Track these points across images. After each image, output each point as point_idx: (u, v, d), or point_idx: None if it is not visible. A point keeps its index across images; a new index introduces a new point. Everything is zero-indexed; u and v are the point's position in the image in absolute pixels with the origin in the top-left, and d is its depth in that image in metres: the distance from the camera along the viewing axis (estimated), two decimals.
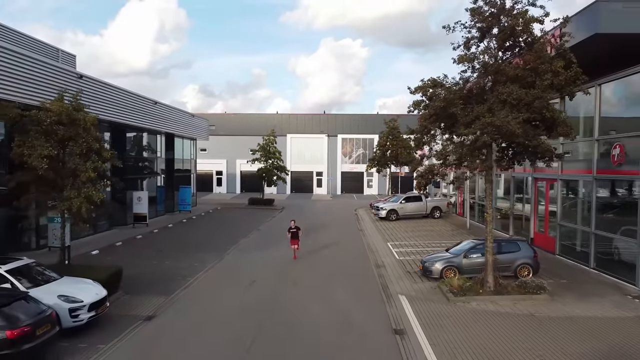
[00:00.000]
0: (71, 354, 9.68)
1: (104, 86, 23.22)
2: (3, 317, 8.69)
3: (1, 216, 17.80)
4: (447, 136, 14.97)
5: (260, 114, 64.98)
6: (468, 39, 13.90)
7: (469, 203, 28.98)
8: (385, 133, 40.52)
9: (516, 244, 16.18)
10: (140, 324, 11.57)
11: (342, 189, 56.56)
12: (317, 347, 10.28)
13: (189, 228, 27.79)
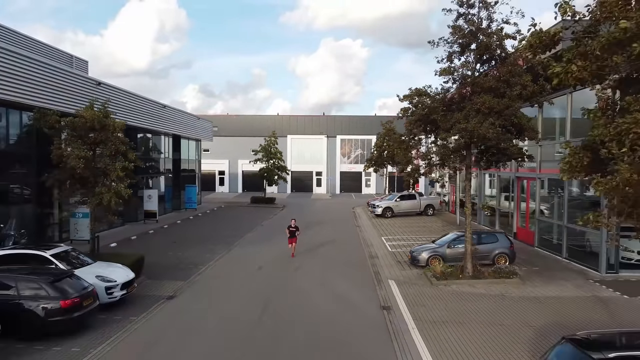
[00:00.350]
0: (109, 324, 11.55)
1: (118, 91, 25.13)
2: (57, 290, 10.59)
3: (28, 213, 19.68)
4: (432, 139, 16.92)
5: (261, 115, 66.88)
6: (450, 53, 15.80)
7: (459, 201, 30.89)
8: (382, 134, 42.35)
9: (495, 235, 18.12)
10: (164, 302, 13.46)
11: (341, 188, 58.46)
12: (316, 318, 12.17)
13: (197, 224, 29.69)
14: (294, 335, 10.92)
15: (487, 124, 13.54)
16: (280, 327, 11.55)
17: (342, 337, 10.82)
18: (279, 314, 12.53)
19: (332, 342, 10.55)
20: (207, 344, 10.45)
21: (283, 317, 12.24)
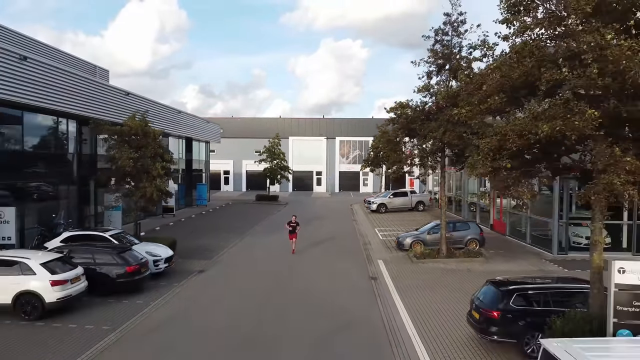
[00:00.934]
0: (158, 288, 15.02)
1: (142, 99, 28.58)
2: (122, 259, 14.10)
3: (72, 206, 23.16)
4: (415, 144, 20.49)
5: (264, 118, 70.34)
6: (429, 72, 19.35)
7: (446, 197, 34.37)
8: (378, 136, 45.77)
9: (467, 224, 21.70)
10: (196, 274, 16.97)
11: (339, 187, 61.97)
12: (319, 286, 15.67)
13: (210, 218, 33.21)
14: (302, 298, 14.38)
15: (452, 134, 17.01)
16: (289, 292, 15.04)
17: (339, 298, 14.33)
18: (288, 284, 16.03)
19: (332, 301, 14.05)
20: (233, 303, 13.93)
21: (292, 286, 15.75)
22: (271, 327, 11.81)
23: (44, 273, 11.85)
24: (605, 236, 20.12)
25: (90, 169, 24.17)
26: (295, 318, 12.46)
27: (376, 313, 12.87)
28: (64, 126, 22.06)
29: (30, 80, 17.39)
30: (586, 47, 7.00)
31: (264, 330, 11.55)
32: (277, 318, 12.49)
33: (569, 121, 7.16)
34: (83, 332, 11.24)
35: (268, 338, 11.08)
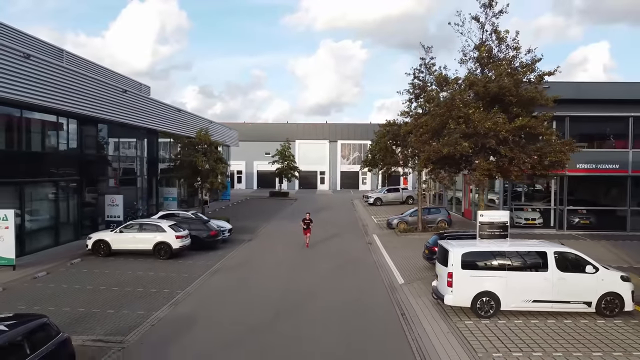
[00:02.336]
0: (226, 248, 23.18)
1: (186, 113, 36.78)
2: (207, 227, 22.36)
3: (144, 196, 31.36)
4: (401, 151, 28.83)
5: (273, 123, 78.64)
6: (410, 98, 27.59)
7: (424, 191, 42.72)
8: (375, 140, 53.99)
9: (439, 210, 30.00)
10: (247, 242, 25.17)
11: (341, 185, 70.23)
12: (333, 248, 23.89)
13: (238, 209, 41.39)
14: (322, 253, 22.60)
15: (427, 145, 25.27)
16: (314, 250, 23.25)
17: (347, 252, 22.59)
18: (312, 246, 24.24)
19: (343, 253, 22.27)
20: (276, 255, 22.11)
21: (315, 247, 23.96)
22: (306, 266, 20.01)
23: (170, 231, 20.09)
24: (538, 217, 28.69)
25: (154, 169, 32.47)
26: (321, 260, 20.68)
27: (370, 257, 21.19)
28: (140, 137, 30.37)
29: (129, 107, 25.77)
30: (462, 115, 15.11)
31: (302, 268, 19.75)
32: (308, 261, 20.71)
33: (456, 147, 15.30)
34: (196, 265, 19.42)
35: (305, 271, 19.29)
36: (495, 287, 12.75)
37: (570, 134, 28.17)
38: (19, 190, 19.63)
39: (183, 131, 34.59)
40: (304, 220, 23.52)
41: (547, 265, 12.84)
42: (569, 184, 28.42)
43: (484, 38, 17.09)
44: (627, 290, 12.77)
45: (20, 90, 17.95)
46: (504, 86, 15.38)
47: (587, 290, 12.74)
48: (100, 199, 25.59)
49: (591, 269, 12.85)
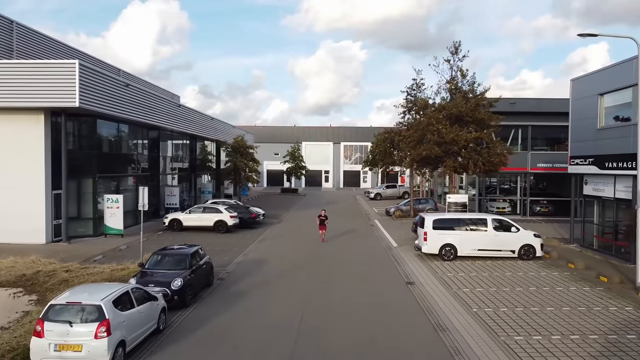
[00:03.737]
0: (262, 227, 30.85)
1: (214, 120, 44.40)
2: (249, 211, 30.06)
3: (187, 191, 38.99)
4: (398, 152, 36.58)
5: (282, 126, 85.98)
6: (404, 111, 35.31)
7: (423, 189, 50.56)
8: (375, 142, 61.67)
9: (427, 200, 37.73)
10: (277, 224, 32.82)
11: (344, 183, 77.90)
12: (343, 229, 31.57)
13: (259, 202, 48.84)
14: (333, 233, 30.24)
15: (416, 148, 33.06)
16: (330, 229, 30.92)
17: (355, 230, 30.28)
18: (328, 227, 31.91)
19: (351, 231, 29.96)
20: (301, 230, 29.77)
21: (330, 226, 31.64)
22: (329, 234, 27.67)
23: (226, 213, 27.76)
24: (507, 206, 36.49)
25: (194, 167, 40.16)
26: (335, 236, 28.31)
27: (373, 233, 28.93)
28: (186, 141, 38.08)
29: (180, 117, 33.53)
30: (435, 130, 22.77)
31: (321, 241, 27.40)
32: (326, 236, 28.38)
33: (431, 151, 22.94)
34: (246, 236, 27.02)
35: (325, 243, 26.92)
36: (454, 241, 20.45)
37: (533, 139, 36.08)
38: (117, 181, 27.33)
39: (214, 135, 42.34)
40: (320, 216, 25.30)
41: (487, 227, 20.55)
42: (532, 180, 36.23)
43: (453, 75, 24.88)
44: (537, 243, 20.48)
45: (121, 109, 25.60)
46: (462, 110, 23.07)
47: (512, 242, 20.45)
48: (160, 190, 33.27)
49: (515, 229, 20.58)
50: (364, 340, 11.55)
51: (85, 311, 9.59)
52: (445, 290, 16.00)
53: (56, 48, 29.76)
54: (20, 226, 22.49)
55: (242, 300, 14.87)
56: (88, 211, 25.46)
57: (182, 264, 14.64)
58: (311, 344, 11.30)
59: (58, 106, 22.22)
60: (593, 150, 21.91)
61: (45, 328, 9.39)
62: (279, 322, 12.83)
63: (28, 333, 11.08)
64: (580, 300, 14.70)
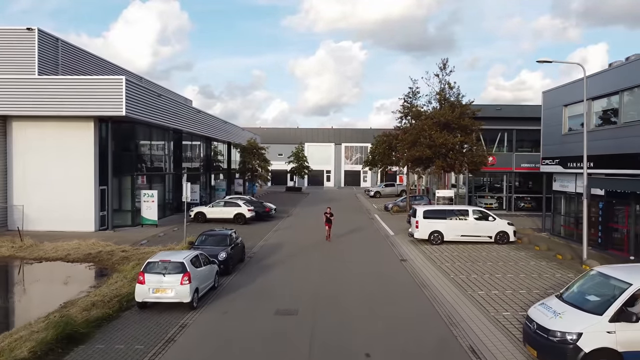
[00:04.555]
0: (274, 220, 35.13)
1: (227, 123, 48.65)
2: (262, 205, 34.34)
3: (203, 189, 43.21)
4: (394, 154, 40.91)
5: (285, 128, 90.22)
6: (401, 116, 39.63)
7: (420, 187, 54.84)
8: (375, 144, 65.92)
9: (422, 197, 42.05)
10: (287, 217, 37.09)
11: (344, 183, 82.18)
12: (347, 221, 35.86)
13: (267, 199, 53.12)
14: (338, 225, 34.49)
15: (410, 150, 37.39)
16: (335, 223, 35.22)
17: (357, 222, 34.57)
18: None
19: (354, 223, 34.24)
20: (308, 225, 34.05)
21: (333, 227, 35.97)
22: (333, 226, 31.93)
23: (244, 206, 32.03)
24: (494, 202, 40.95)
25: (209, 167, 44.43)
26: (340, 227, 32.56)
27: (373, 225, 33.22)
28: (202, 143, 42.34)
29: (199, 121, 37.78)
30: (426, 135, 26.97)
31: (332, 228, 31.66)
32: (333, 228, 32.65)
33: (423, 153, 27.17)
34: (262, 227, 31.24)
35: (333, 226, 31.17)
36: (441, 228, 24.72)
37: (517, 142, 40.42)
38: (148, 179, 31.61)
39: (225, 137, 46.66)
40: (325, 213, 26.50)
41: (468, 217, 24.84)
42: (516, 178, 40.55)
43: (441, 87, 29.21)
44: (511, 230, 24.76)
45: (154, 116, 29.85)
46: (449, 118, 27.37)
47: (489, 229, 24.73)
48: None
49: (492, 218, 24.88)
50: (366, 295, 15.81)
51: (172, 266, 13.84)
52: (430, 264, 20.29)
53: (93, 62, 33.96)
54: (74, 216, 26.75)
55: (270, 271, 19.15)
56: (127, 204, 29.72)
57: (224, 242, 18.90)
58: (328, 299, 15.54)
59: (108, 115, 26.49)
60: (559, 152, 26.20)
61: (145, 278, 13.64)
62: (301, 284, 17.10)
63: (120, 287, 15.38)
64: (535, 270, 18.99)
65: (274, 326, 12.69)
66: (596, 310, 9.38)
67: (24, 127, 27.26)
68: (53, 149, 26.99)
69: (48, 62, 29.27)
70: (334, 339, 11.71)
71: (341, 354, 10.85)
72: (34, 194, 26.95)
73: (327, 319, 13.20)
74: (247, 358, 10.70)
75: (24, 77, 27.08)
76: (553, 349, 9.35)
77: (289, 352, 10.97)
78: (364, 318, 13.30)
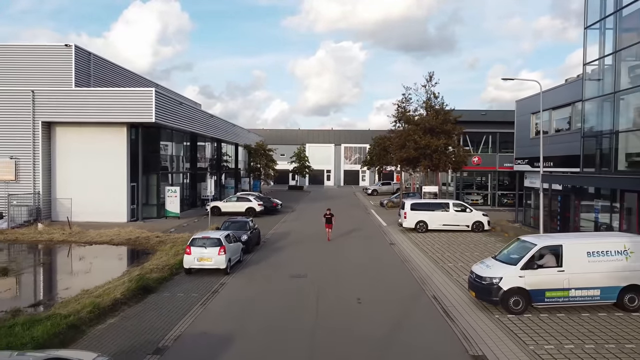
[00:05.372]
0: (281, 214, 39.66)
1: (236, 126, 53.17)
2: (270, 200, 38.89)
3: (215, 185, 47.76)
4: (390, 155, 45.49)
5: (287, 129, 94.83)
6: (395, 120, 44.17)
7: (414, 185, 59.38)
8: (373, 144, 70.48)
9: (414, 194, 46.60)
10: (292, 212, 41.65)
11: (344, 182, 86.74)
12: (346, 215, 40.42)
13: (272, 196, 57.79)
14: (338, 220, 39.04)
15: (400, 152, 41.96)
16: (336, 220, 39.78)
17: (355, 217, 39.14)
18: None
19: (352, 217, 38.79)
20: (311, 219, 38.57)
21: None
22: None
23: (255, 201, 36.57)
24: (480, 199, 45.70)
25: (219, 166, 48.97)
26: (340, 221, 37.06)
27: (369, 219, 37.81)
28: (212, 144, 46.91)
29: (209, 124, 42.38)
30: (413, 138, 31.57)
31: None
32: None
33: (410, 154, 31.69)
34: (271, 219, 35.73)
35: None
36: (426, 218, 29.25)
37: (501, 143, 44.97)
38: (170, 177, 36.16)
39: (234, 139, 51.24)
40: (325, 215, 27.14)
41: (449, 208, 29.39)
42: (500, 177, 45.13)
43: (427, 97, 33.79)
44: (485, 220, 29.31)
45: (176, 121, 34.38)
46: (433, 124, 31.95)
47: (467, 219, 29.27)
48: (197, 185, 42.08)
49: (469, 210, 29.43)
50: (360, 266, 20.32)
51: (211, 241, 18.35)
52: (414, 246, 24.84)
53: (119, 72, 38.49)
54: (108, 209, 31.25)
55: (282, 250, 23.70)
56: (153, 199, 34.26)
57: (244, 227, 23.42)
58: (329, 268, 20.05)
59: (139, 121, 31.03)
60: (527, 153, 30.75)
61: (191, 250, 18.16)
62: (308, 259, 21.62)
63: (166, 260, 19.87)
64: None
65: (289, 284, 17.23)
66: (513, 263, 13.92)
67: (66, 132, 31.76)
68: (91, 151, 31.47)
69: (82, 73, 33.79)
70: (335, 292, 16.24)
71: (340, 300, 15.35)
72: (74, 190, 31.43)
73: (329, 280, 17.74)
74: (273, 303, 15.19)
75: (66, 89, 31.63)
76: (484, 290, 13.88)
77: (302, 299, 15.47)
78: (356, 280, 17.84)
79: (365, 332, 12.40)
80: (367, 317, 13.60)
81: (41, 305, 14.88)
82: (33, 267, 21.67)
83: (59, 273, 21.25)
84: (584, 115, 22.52)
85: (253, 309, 14.38)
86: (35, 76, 32.55)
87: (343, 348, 11.39)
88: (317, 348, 11.44)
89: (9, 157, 31.01)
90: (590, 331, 12.30)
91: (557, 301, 13.58)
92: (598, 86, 21.60)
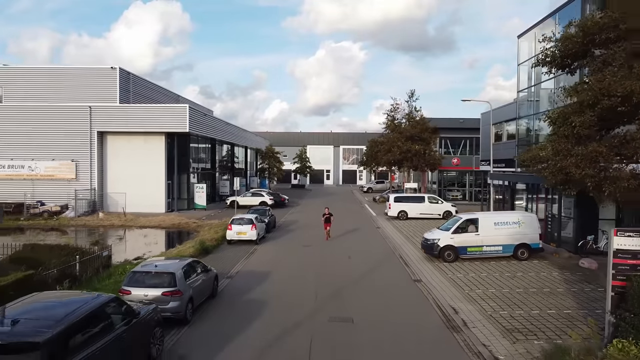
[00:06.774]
0: (287, 207, 47.74)
1: (243, 130, 61.19)
2: (279, 196, 47.02)
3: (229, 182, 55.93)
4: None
5: (289, 132, 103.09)
6: (387, 124, 52.29)
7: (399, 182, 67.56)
8: (369, 146, 78.48)
9: (403, 191, 54.82)
10: (297, 205, 49.74)
11: (342, 181, 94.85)
12: (344, 209, 48.52)
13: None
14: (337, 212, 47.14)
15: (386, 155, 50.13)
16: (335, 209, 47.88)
17: (351, 209, 47.25)
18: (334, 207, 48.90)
19: (348, 210, 46.89)
20: (314, 211, 46.64)
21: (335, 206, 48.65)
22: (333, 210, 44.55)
23: (267, 196, 44.70)
24: (459, 195, 54.18)
25: (231, 167, 57.05)
26: (339, 213, 45.13)
27: (363, 211, 45.99)
28: (226, 147, 55.03)
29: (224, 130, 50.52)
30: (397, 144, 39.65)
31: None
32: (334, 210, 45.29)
33: (394, 157, 39.76)
34: (281, 212, 43.71)
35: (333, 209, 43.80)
36: (406, 208, 37.41)
37: (476, 147, 53.03)
38: (197, 175, 44.35)
39: (243, 142, 59.29)
40: (324, 214, 28.71)
41: (425, 201, 37.55)
42: (476, 176, 53.33)
43: (410, 110, 42.06)
44: (453, 210, 37.42)
45: (202, 129, 42.46)
46: (413, 133, 40.15)
47: (439, 209, 37.43)
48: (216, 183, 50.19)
49: (441, 202, 37.62)
50: (351, 238, 28.44)
51: (246, 220, 26.46)
52: (394, 228, 32.98)
53: (154, 89, 46.63)
54: (149, 202, 39.31)
55: (294, 231, 31.85)
56: (184, 194, 42.40)
57: (265, 214, 31.56)
58: (329, 243, 28.14)
59: (175, 131, 39.14)
60: (488, 156, 38.85)
61: (232, 227, 26.28)
62: (314, 236, 29.72)
63: (210, 236, 27.93)
64: None
65: (302, 249, 25.39)
66: (447, 229, 22.05)
67: (115, 140, 39.88)
68: (135, 155, 39.56)
69: (124, 90, 41.92)
70: (333, 251, 24.40)
71: (336, 255, 23.48)
72: (121, 186, 39.49)
73: (330, 247, 25.90)
74: (291, 259, 23.23)
75: (116, 105, 39.81)
76: (429, 247, 22.04)
77: (310, 257, 23.58)
78: (349, 249, 25.98)
79: (352, 274, 20.51)
80: (354, 267, 21.72)
81: (140, 259, 22.95)
82: (119, 240, 29.89)
83: (137, 243, 29.38)
84: (518, 128, 30.68)
85: (279, 261, 22.54)
86: (87, 93, 40.64)
87: (337, 279, 19.50)
88: (320, 282, 19.56)
89: (70, 159, 39.09)
90: (492, 268, 20.43)
91: (475, 254, 21.73)
92: (527, 107, 29.77)
